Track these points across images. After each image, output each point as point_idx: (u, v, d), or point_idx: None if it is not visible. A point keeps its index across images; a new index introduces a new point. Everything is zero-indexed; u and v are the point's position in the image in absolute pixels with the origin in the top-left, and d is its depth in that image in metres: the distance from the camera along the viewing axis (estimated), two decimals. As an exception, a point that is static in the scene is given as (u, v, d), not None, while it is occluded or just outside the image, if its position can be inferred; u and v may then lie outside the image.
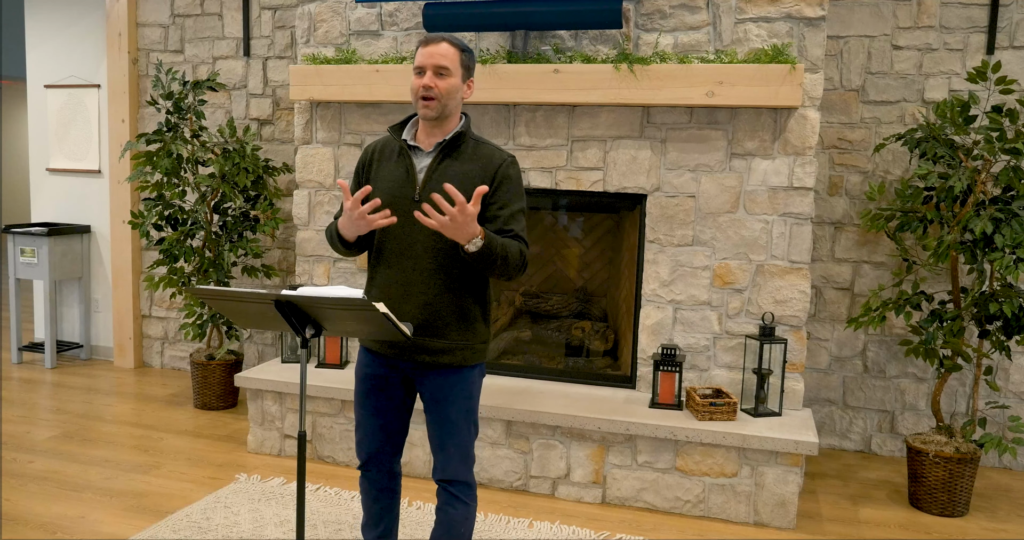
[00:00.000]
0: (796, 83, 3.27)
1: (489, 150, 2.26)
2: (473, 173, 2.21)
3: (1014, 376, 3.90)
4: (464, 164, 2.23)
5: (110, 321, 5.47)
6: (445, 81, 2.17)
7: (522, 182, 2.28)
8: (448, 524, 2.30)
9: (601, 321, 4.20)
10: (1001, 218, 3.24)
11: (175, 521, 3.12)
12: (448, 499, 2.31)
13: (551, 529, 3.16)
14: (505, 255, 2.12)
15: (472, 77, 2.28)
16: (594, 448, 3.43)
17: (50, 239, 5.16)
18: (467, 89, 2.26)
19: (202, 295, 2.06)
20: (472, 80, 2.28)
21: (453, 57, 2.18)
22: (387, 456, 2.43)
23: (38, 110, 5.50)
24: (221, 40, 4.99)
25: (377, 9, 3.96)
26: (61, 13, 5.35)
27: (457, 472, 2.30)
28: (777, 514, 3.25)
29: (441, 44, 2.18)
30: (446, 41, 2.20)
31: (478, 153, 2.25)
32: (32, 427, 4.17)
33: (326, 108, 4.06)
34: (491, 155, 2.24)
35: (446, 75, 2.17)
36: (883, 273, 4.02)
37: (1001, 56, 3.79)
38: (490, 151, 2.26)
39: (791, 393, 3.57)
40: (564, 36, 3.72)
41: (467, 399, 2.31)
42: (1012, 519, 3.40)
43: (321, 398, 3.75)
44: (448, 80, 2.17)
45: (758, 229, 3.55)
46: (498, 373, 3.95)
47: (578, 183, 3.74)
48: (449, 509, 2.31)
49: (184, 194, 4.45)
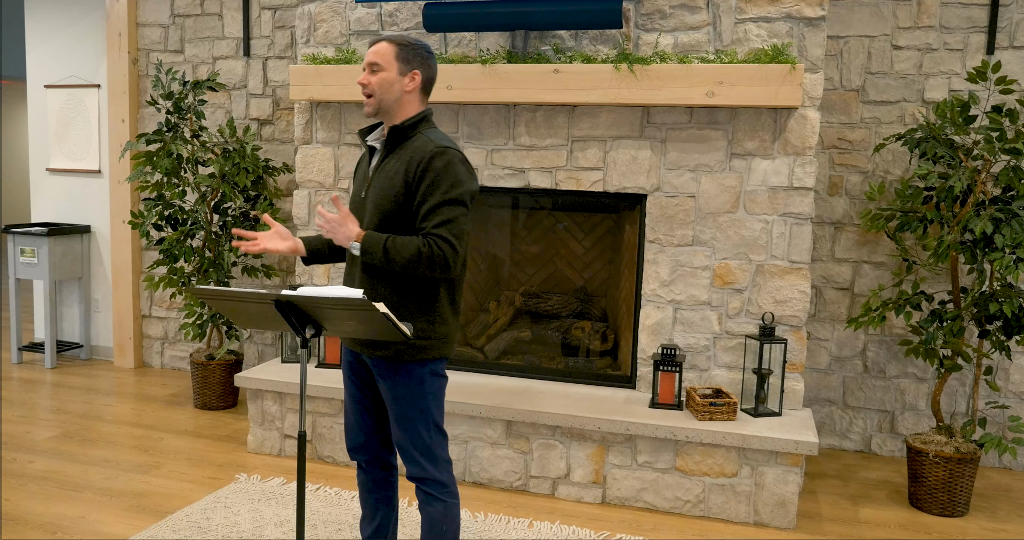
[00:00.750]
0: (796, 83, 3.27)
1: (422, 142, 2.22)
2: (399, 168, 2.22)
3: (1014, 376, 3.90)
4: (398, 160, 2.24)
5: (110, 321, 5.47)
6: (377, 75, 2.24)
7: (455, 173, 2.18)
8: (429, 523, 2.31)
9: (601, 321, 4.20)
10: (1001, 218, 3.24)
11: (175, 521, 3.12)
12: (423, 498, 2.32)
13: (551, 529, 3.16)
14: (392, 257, 2.14)
15: (416, 69, 2.27)
16: (594, 448, 3.43)
17: (50, 239, 5.16)
18: (408, 81, 2.26)
19: (202, 295, 2.06)
20: (417, 72, 2.27)
21: (386, 52, 2.24)
22: (373, 446, 2.44)
23: (38, 110, 5.50)
24: (221, 40, 4.99)
25: (377, 9, 3.96)
26: (61, 13, 5.35)
27: (422, 471, 2.30)
28: (777, 514, 3.25)
29: (377, 44, 2.27)
30: (383, 40, 2.28)
31: (413, 147, 2.24)
32: (32, 427, 4.17)
33: (326, 108, 4.06)
34: (420, 148, 2.21)
35: (378, 70, 2.24)
36: (883, 273, 4.02)
37: (1001, 56, 3.79)
38: (422, 143, 2.22)
39: (791, 393, 3.57)
40: (564, 36, 3.72)
41: (418, 398, 2.28)
42: (1012, 519, 3.40)
43: (321, 398, 3.75)
44: (380, 74, 2.24)
45: (758, 229, 3.55)
46: (498, 373, 3.95)
47: (578, 183, 3.74)
48: (428, 508, 2.32)
49: (184, 194, 4.45)
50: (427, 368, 2.29)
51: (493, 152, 3.83)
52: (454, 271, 2.18)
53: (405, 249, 2.14)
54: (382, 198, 2.23)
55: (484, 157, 3.84)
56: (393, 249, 2.15)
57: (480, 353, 4.15)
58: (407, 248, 2.14)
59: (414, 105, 2.29)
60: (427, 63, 2.30)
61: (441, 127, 3.89)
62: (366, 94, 2.26)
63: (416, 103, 2.29)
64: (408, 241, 2.15)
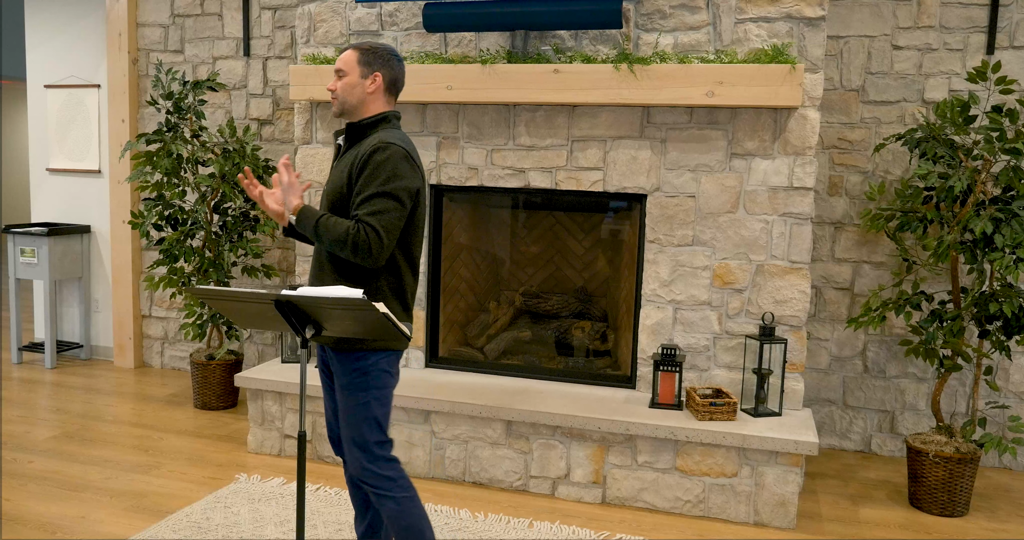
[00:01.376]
0: (796, 83, 3.27)
1: (372, 138, 2.32)
2: (349, 162, 2.33)
3: (1014, 376, 3.90)
4: (351, 155, 2.34)
5: (110, 321, 5.47)
6: (341, 81, 2.38)
7: (392, 167, 2.25)
8: (388, 521, 2.33)
9: (601, 321, 4.20)
10: (1001, 218, 3.24)
11: (175, 521, 3.12)
12: (374, 497, 2.33)
13: (551, 529, 3.16)
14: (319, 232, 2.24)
15: (378, 71, 2.37)
16: (594, 448, 3.43)
17: (50, 239, 5.16)
18: (370, 83, 2.36)
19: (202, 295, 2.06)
20: (378, 74, 2.37)
21: (349, 59, 2.37)
22: None
23: (38, 110, 5.50)
24: (221, 40, 4.99)
25: (377, 9, 3.96)
26: (61, 13, 5.35)
27: (360, 469, 2.31)
28: (777, 514, 3.25)
29: (344, 52, 2.41)
30: (349, 48, 2.41)
31: (365, 142, 2.33)
32: (32, 427, 4.17)
33: (326, 108, 4.06)
34: (369, 142, 2.30)
35: (342, 76, 2.38)
36: (883, 273, 4.02)
37: (1001, 56, 3.79)
38: (372, 138, 2.32)
39: (791, 393, 3.57)
40: (564, 36, 3.72)
41: (361, 390, 2.29)
42: (1012, 519, 3.40)
43: (321, 398, 3.75)
44: (344, 79, 2.37)
45: (758, 229, 3.55)
46: (498, 373, 3.95)
47: (578, 183, 3.74)
48: (382, 507, 2.33)
49: (184, 194, 4.45)
50: (371, 361, 2.30)
51: (493, 152, 3.83)
52: (377, 261, 2.22)
53: (334, 229, 2.23)
54: (331, 191, 2.35)
55: (484, 157, 3.84)
56: (323, 226, 2.24)
57: (480, 353, 4.15)
58: (336, 229, 2.23)
59: (377, 106, 2.39)
60: (389, 64, 2.39)
61: (441, 127, 3.89)
62: (332, 98, 2.40)
63: (380, 104, 2.39)
64: (339, 222, 2.24)
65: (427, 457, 3.64)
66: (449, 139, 3.88)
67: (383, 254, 2.22)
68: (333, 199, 2.34)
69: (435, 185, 3.95)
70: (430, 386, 3.72)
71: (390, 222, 2.23)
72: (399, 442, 3.67)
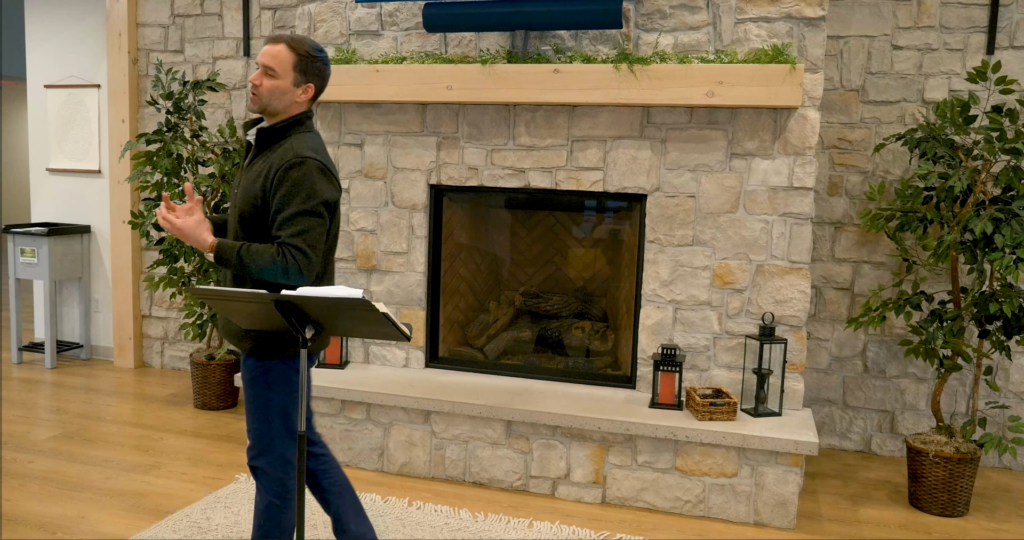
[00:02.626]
0: (796, 83, 3.27)
1: (285, 148, 2.21)
2: (261, 171, 2.23)
3: (1014, 376, 3.90)
4: (264, 162, 2.25)
5: (110, 321, 5.47)
6: (270, 81, 2.22)
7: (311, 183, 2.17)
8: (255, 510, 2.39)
9: (601, 321, 4.20)
10: (1001, 218, 3.24)
11: (175, 521, 3.12)
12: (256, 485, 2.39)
13: (551, 529, 3.16)
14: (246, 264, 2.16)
15: (311, 82, 2.25)
16: (594, 448, 3.43)
17: (50, 239, 5.16)
18: (301, 93, 2.25)
19: (202, 295, 2.06)
20: (311, 85, 2.25)
21: (284, 59, 2.21)
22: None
23: (38, 110, 5.50)
24: (221, 40, 4.99)
25: (377, 9, 3.96)
26: (61, 13, 5.35)
27: (252, 458, 2.36)
28: (777, 514, 3.25)
29: (278, 45, 2.22)
30: (285, 42, 2.23)
31: (278, 151, 2.22)
32: (32, 427, 4.17)
33: (326, 108, 4.06)
34: (282, 154, 2.20)
35: (272, 76, 2.22)
36: (883, 273, 4.02)
37: (1001, 56, 3.79)
38: (285, 149, 2.21)
39: (791, 393, 3.57)
40: (564, 36, 3.72)
41: (261, 388, 2.31)
42: (1012, 519, 3.41)
43: (321, 398, 3.75)
44: (273, 81, 2.22)
45: (758, 229, 3.55)
46: (498, 373, 3.95)
47: (578, 183, 3.74)
48: (257, 495, 2.39)
49: (184, 194, 4.45)
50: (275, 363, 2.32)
51: (493, 152, 3.83)
52: (307, 280, 2.19)
53: (260, 257, 2.16)
54: (243, 200, 2.26)
55: (484, 157, 3.84)
56: (248, 257, 2.17)
57: (480, 353, 4.15)
58: (261, 257, 2.16)
59: (299, 109, 2.29)
60: (322, 76, 2.29)
61: (441, 127, 3.89)
62: (253, 92, 2.24)
63: (299, 109, 2.29)
64: (262, 250, 2.17)
65: (427, 457, 3.64)
66: (449, 139, 3.88)
67: (312, 272, 2.20)
68: (244, 209, 2.25)
69: (435, 185, 3.95)
70: (430, 386, 3.72)
71: (314, 239, 2.19)
72: (399, 442, 3.67)
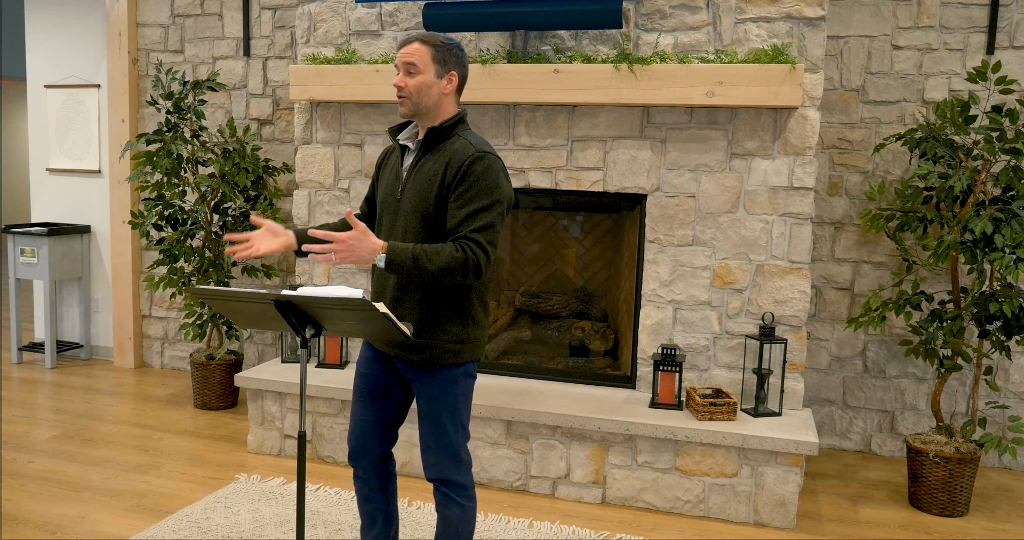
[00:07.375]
0: (796, 83, 3.27)
1: (462, 144, 2.19)
2: (438, 170, 2.19)
3: (1014, 376, 3.90)
4: (435, 161, 2.21)
5: (110, 321, 5.47)
6: (414, 78, 2.19)
7: (495, 178, 2.16)
8: (445, 524, 2.31)
9: (601, 321, 4.20)
10: (1001, 218, 3.24)
11: (175, 521, 3.12)
12: (442, 499, 2.31)
13: (551, 529, 3.16)
14: (422, 265, 2.08)
15: (453, 70, 2.23)
16: (594, 448, 3.43)
17: (50, 239, 5.16)
18: (446, 83, 2.22)
19: (202, 295, 2.06)
20: (453, 73, 2.23)
21: (422, 54, 2.19)
22: (374, 452, 2.41)
23: (38, 110, 5.50)
24: (221, 40, 4.99)
25: (377, 9, 3.96)
26: (61, 13, 5.35)
27: (443, 472, 2.28)
28: (777, 514, 3.25)
29: (412, 44, 2.21)
30: (417, 40, 2.21)
31: (452, 148, 2.20)
32: (32, 427, 4.17)
33: (326, 108, 4.06)
34: (461, 150, 2.17)
35: (415, 72, 2.19)
36: (883, 273, 4.02)
37: (1001, 56, 3.79)
38: (462, 145, 2.18)
39: (791, 393, 3.57)
40: (564, 36, 3.72)
41: (449, 398, 2.27)
42: (1012, 519, 3.40)
43: (321, 398, 3.75)
44: (417, 77, 2.19)
45: (758, 229, 3.55)
46: (498, 373, 3.95)
47: (578, 183, 3.74)
48: (444, 510, 2.31)
49: (184, 194, 4.45)
50: (460, 370, 2.28)
51: (493, 152, 3.83)
52: (484, 276, 2.15)
53: (437, 257, 2.08)
54: (420, 200, 2.19)
55: (484, 157, 3.84)
56: (424, 257, 2.08)
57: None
58: (439, 256, 2.09)
59: (450, 106, 2.25)
60: (462, 62, 2.26)
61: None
62: (400, 95, 2.21)
63: (452, 104, 2.26)
64: (439, 248, 2.10)
65: (427, 457, 3.64)
66: (449, 139, 3.88)
67: (490, 269, 2.16)
68: (424, 209, 2.18)
69: (435, 185, 3.94)
70: (430, 386, 3.72)
71: (495, 236, 2.14)
72: (399, 442, 3.67)
